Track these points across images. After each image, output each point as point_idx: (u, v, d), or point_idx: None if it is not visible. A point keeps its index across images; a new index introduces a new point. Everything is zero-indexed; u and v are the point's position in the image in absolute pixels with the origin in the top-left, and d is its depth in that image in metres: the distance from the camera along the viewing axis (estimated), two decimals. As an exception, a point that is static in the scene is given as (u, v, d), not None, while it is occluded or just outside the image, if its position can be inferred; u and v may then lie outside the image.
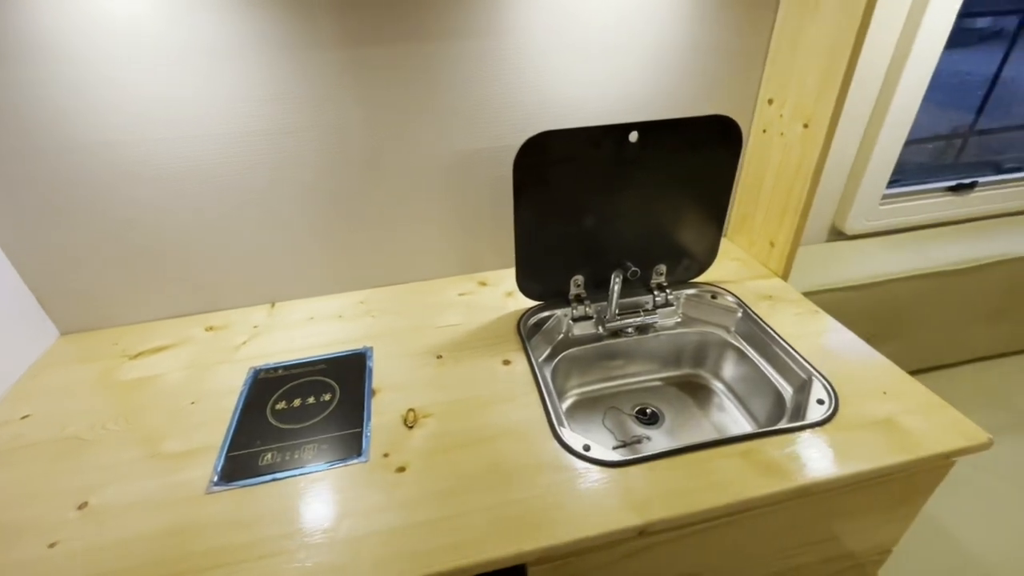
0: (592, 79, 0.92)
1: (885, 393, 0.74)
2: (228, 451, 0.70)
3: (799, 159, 0.91)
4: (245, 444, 0.71)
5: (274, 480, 0.65)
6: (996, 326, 1.36)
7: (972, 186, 1.30)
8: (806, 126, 0.88)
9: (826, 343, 0.84)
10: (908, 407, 0.71)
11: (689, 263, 0.98)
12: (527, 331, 0.91)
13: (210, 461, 0.68)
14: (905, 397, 0.73)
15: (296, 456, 0.68)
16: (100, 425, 0.75)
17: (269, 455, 0.69)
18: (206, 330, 0.96)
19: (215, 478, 0.65)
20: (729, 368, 0.95)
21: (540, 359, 0.90)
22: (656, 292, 0.97)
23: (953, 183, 1.30)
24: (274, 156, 0.88)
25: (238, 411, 0.76)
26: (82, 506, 0.63)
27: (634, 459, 0.65)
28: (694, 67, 0.96)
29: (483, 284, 1.06)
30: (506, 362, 0.83)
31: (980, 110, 1.32)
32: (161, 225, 0.90)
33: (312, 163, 0.90)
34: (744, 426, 0.89)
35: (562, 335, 0.95)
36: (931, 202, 1.31)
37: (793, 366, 0.81)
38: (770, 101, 0.97)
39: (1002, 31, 1.27)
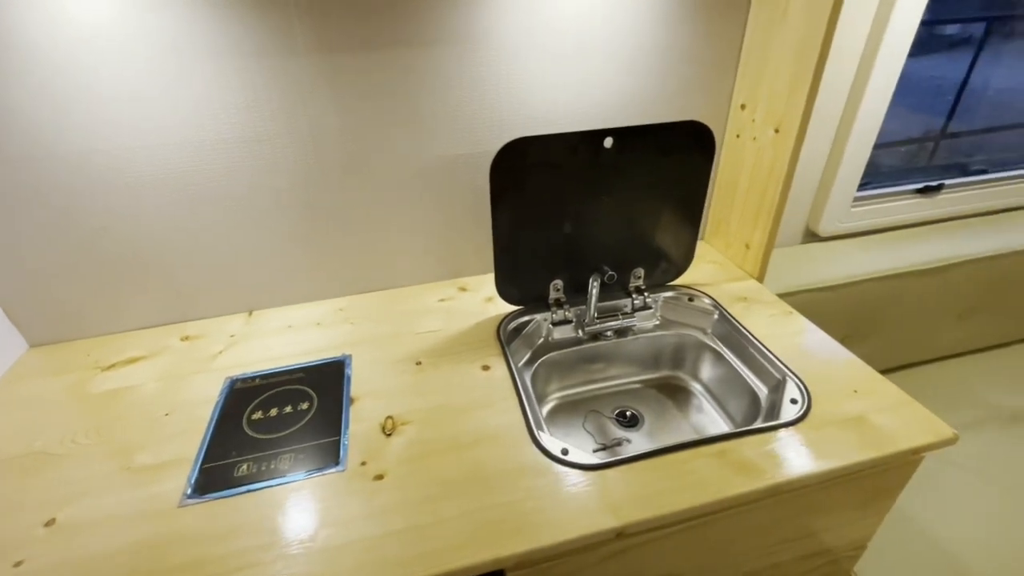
0: (569, 85, 0.93)
1: (856, 391, 0.75)
2: (203, 463, 0.68)
3: (771, 163, 0.93)
4: (220, 455, 0.70)
5: (250, 491, 0.64)
6: (966, 324, 1.40)
7: (939, 188, 1.34)
8: (777, 131, 0.90)
9: (799, 343, 0.85)
10: (878, 405, 0.73)
11: (667, 266, 0.99)
12: (507, 336, 0.91)
13: (184, 473, 0.67)
14: (875, 395, 0.74)
15: (272, 466, 0.68)
16: (70, 439, 0.73)
17: (245, 466, 0.68)
18: (182, 340, 0.94)
19: (188, 490, 0.64)
20: (706, 369, 0.97)
21: (520, 364, 0.90)
22: (634, 295, 0.98)
23: (921, 185, 1.34)
24: (250, 163, 0.87)
25: (213, 422, 0.75)
26: (49, 523, 0.61)
27: (612, 462, 0.66)
28: (669, 73, 0.97)
29: (463, 289, 1.06)
30: (485, 367, 0.83)
31: (950, 114, 1.37)
32: (135, 234, 0.88)
33: (289, 170, 0.89)
34: (722, 426, 0.91)
35: (542, 339, 0.96)
36: (901, 204, 1.34)
37: (767, 366, 0.83)
38: (743, 106, 0.99)
39: (971, 38, 1.31)
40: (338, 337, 0.93)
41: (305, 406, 0.78)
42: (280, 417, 0.76)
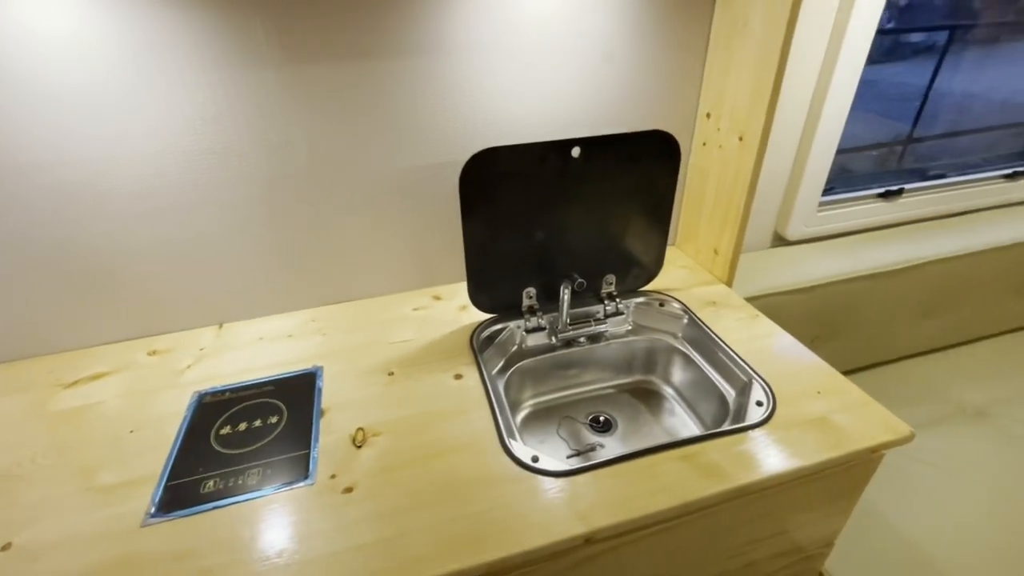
0: (537, 96, 0.94)
1: (819, 392, 0.77)
2: (168, 480, 0.67)
3: (736, 170, 0.95)
4: (186, 472, 0.68)
5: (216, 508, 0.63)
6: (929, 323, 1.44)
7: (899, 192, 1.38)
8: (741, 139, 0.93)
9: (766, 346, 0.87)
10: (840, 405, 0.75)
11: (638, 272, 1.00)
12: (480, 344, 0.91)
13: (148, 492, 0.66)
14: (837, 395, 0.76)
15: (240, 482, 0.67)
16: (29, 459, 0.71)
17: (211, 482, 0.67)
18: (149, 354, 0.93)
19: (152, 509, 0.63)
20: (677, 373, 0.98)
21: (493, 372, 0.90)
22: (606, 301, 0.99)
23: (882, 190, 1.38)
24: (219, 175, 0.86)
25: (180, 438, 0.74)
26: (6, 547, 0.59)
27: (582, 468, 0.66)
28: (636, 82, 0.99)
29: (437, 298, 1.06)
30: (458, 376, 0.84)
31: (916, 120, 1.41)
32: (100, 247, 0.87)
33: (258, 181, 0.89)
34: (693, 429, 0.92)
35: (516, 347, 0.96)
36: (864, 208, 1.38)
37: (735, 369, 0.84)
38: (708, 115, 1.02)
39: (935, 45, 1.36)
40: (309, 349, 0.92)
41: (274, 419, 0.77)
42: (249, 431, 0.75)
